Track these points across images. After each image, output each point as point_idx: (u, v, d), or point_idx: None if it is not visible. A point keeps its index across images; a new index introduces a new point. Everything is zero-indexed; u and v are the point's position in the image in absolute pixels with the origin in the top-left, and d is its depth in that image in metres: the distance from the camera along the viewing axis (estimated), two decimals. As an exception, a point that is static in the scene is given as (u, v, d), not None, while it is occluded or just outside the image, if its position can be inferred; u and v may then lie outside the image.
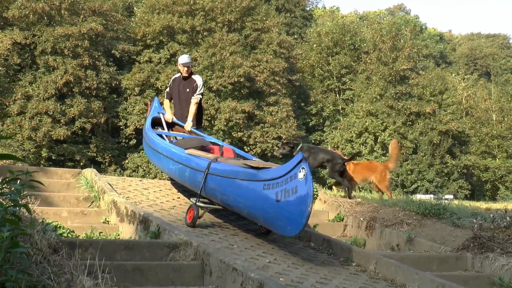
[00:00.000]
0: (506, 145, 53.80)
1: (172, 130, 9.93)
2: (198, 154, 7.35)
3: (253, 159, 7.90)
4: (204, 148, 8.17)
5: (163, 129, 9.78)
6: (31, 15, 36.40)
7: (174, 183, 9.74)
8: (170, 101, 10.35)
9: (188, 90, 10.04)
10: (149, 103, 10.91)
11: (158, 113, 10.04)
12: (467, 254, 7.44)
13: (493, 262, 7.06)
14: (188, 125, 9.74)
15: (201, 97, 10.15)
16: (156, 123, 9.88)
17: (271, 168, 5.67)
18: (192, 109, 9.93)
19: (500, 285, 6.73)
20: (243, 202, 6.04)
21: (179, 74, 10.26)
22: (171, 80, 10.48)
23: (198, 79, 10.20)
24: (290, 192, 5.19)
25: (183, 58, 10.14)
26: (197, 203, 6.80)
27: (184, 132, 9.69)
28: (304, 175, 5.10)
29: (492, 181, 54.17)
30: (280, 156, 42.27)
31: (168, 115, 10.00)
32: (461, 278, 6.69)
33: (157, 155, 8.55)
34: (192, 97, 9.98)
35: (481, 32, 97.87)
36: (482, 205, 17.82)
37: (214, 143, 8.90)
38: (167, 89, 10.48)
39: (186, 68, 10.03)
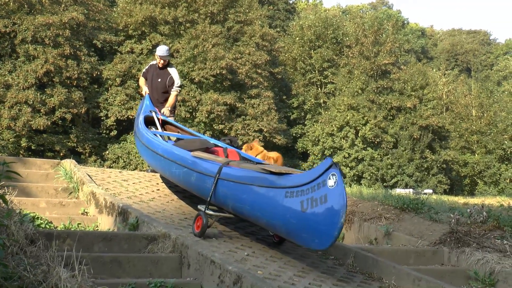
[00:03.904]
0: (485, 140, 54.33)
1: (165, 129, 9.52)
2: (206, 157, 6.69)
3: (264, 162, 7.22)
4: (207, 150, 7.54)
5: (157, 128, 9.27)
6: (11, 3, 35.94)
7: (155, 175, 9.68)
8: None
9: (160, 80, 10.18)
10: None
11: (151, 111, 9.58)
12: (443, 249, 7.52)
13: (469, 256, 7.15)
14: (166, 110, 9.84)
15: (180, 89, 10.33)
16: (148, 122, 9.33)
17: (294, 174, 5.13)
18: (171, 100, 10.10)
19: (475, 279, 6.82)
20: (261, 211, 5.43)
21: (156, 61, 10.30)
22: (149, 64, 10.57)
23: (173, 72, 10.28)
24: (318, 201, 4.66)
25: (162, 50, 10.13)
26: (206, 211, 6.12)
27: (178, 132, 9.39)
28: (335, 182, 4.58)
29: (470, 176, 54.74)
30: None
31: (144, 90, 10.24)
32: (437, 272, 6.77)
33: (156, 157, 7.85)
34: (172, 90, 10.15)
35: (462, 28, 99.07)
36: (460, 200, 18.01)
37: (217, 145, 8.29)
38: (144, 70, 10.68)
39: (162, 61, 10.10)
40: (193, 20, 42.58)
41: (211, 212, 6.14)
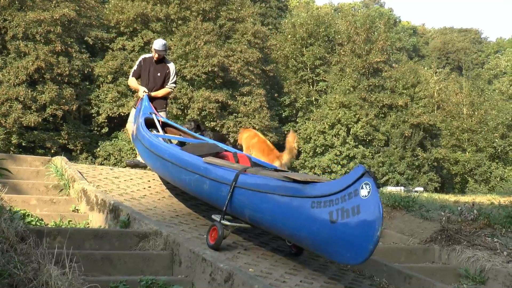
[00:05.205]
0: (476, 138, 54.57)
1: (166, 132, 9.04)
2: (220, 163, 6.19)
3: (278, 168, 6.75)
4: (217, 155, 7.08)
5: (158, 131, 8.81)
6: (2, 0, 35.77)
7: (147, 173, 9.65)
8: (137, 79, 10.17)
9: (159, 74, 9.94)
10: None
11: (150, 113, 9.11)
12: (434, 246, 7.55)
13: (460, 254, 7.18)
14: (145, 91, 9.67)
15: (175, 86, 10.16)
16: (148, 124, 8.80)
17: (321, 183, 4.77)
18: (163, 92, 9.97)
19: (465, 277, 6.85)
20: (283, 222, 5.05)
21: (151, 54, 10.12)
22: (141, 59, 10.19)
23: (171, 66, 10.10)
24: (350, 212, 4.32)
25: (159, 45, 9.87)
26: (222, 221, 5.66)
27: (180, 135, 9.04)
28: (368, 192, 4.25)
29: (461, 174, 54.96)
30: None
31: (142, 90, 9.72)
32: (428, 270, 6.79)
33: (163, 163, 7.30)
34: (167, 85, 9.98)
35: (454, 26, 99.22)
36: (451, 197, 18.08)
37: (226, 150, 7.74)
38: (135, 67, 10.18)
39: (157, 55, 9.93)
40: (185, 17, 42.53)
41: (227, 223, 5.70)
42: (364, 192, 4.27)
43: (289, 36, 52.86)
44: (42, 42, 36.08)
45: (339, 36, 53.08)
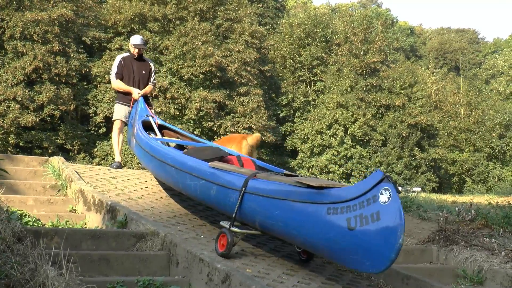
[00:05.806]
0: (473, 138, 54.62)
1: (163, 135, 8.87)
2: (228, 168, 6.00)
3: (284, 172, 6.49)
4: (222, 159, 6.84)
5: (155, 134, 8.63)
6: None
7: (144, 173, 9.63)
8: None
9: (144, 72, 9.97)
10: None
11: (147, 115, 8.97)
12: (432, 247, 7.55)
13: (458, 254, 7.18)
14: (139, 91, 9.70)
15: (155, 82, 10.37)
16: (144, 127, 8.61)
17: (337, 188, 4.60)
18: (149, 89, 10.06)
19: (463, 277, 6.85)
20: (297, 229, 4.87)
21: (127, 53, 10.11)
22: (120, 59, 10.03)
23: (151, 63, 10.30)
24: (369, 219, 4.17)
25: (136, 39, 9.97)
26: (232, 228, 5.46)
27: (178, 138, 8.86)
28: (388, 198, 4.10)
29: (459, 174, 55.00)
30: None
31: (136, 92, 9.70)
32: (426, 271, 6.80)
33: (166, 168, 7.05)
34: (150, 83, 10.08)
35: (451, 26, 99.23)
36: (449, 198, 18.11)
37: (230, 154, 7.41)
38: (116, 69, 9.93)
39: (137, 50, 9.93)
40: (182, 18, 42.46)
41: (236, 230, 5.51)
42: (384, 198, 4.14)
43: (287, 36, 52.82)
44: (40, 42, 36.01)
45: (336, 36, 53.03)
